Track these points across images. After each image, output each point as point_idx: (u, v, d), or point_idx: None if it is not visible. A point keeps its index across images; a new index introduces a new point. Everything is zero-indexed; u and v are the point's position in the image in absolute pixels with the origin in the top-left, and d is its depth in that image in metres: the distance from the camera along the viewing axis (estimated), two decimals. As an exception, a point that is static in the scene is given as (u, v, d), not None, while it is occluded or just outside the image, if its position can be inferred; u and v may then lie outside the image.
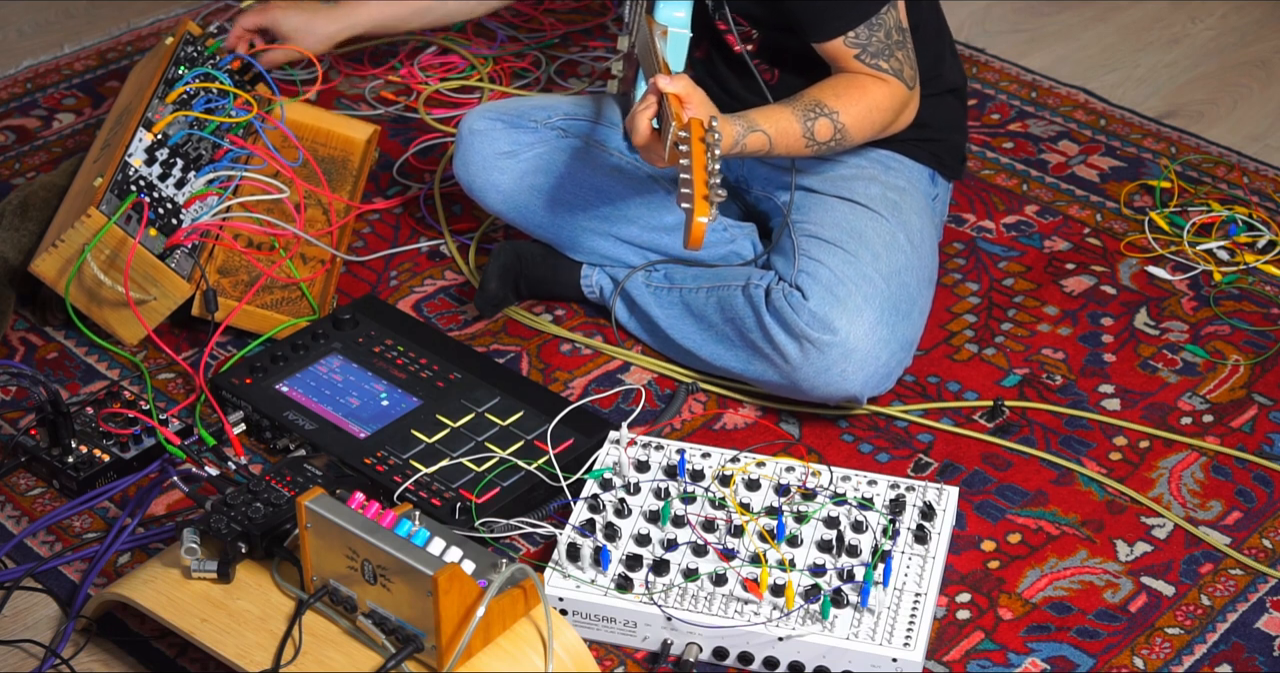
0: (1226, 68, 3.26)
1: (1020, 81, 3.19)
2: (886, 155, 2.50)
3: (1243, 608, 2.16)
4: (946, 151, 2.56)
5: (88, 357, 2.55)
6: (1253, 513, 2.29)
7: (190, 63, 2.77)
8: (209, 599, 1.99)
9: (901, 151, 2.51)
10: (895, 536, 2.14)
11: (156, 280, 2.46)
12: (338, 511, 1.89)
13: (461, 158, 2.59)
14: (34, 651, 2.09)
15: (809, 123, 2.31)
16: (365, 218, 2.83)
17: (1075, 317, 2.62)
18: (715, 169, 1.98)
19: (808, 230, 2.40)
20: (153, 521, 2.26)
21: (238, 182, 2.63)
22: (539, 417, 2.33)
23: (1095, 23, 3.40)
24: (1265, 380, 2.50)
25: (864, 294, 2.31)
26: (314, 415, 2.34)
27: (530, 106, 2.61)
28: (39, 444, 2.31)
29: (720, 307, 2.41)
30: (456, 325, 2.61)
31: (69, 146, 3.02)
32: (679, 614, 2.04)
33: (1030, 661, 2.09)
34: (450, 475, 2.24)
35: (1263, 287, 2.68)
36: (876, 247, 2.37)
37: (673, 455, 2.25)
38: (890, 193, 2.44)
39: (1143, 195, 2.88)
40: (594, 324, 2.61)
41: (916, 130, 2.49)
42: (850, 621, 2.03)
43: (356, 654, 1.92)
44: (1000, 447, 2.39)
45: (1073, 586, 2.18)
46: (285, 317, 2.54)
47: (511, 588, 1.90)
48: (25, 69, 3.23)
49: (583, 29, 3.31)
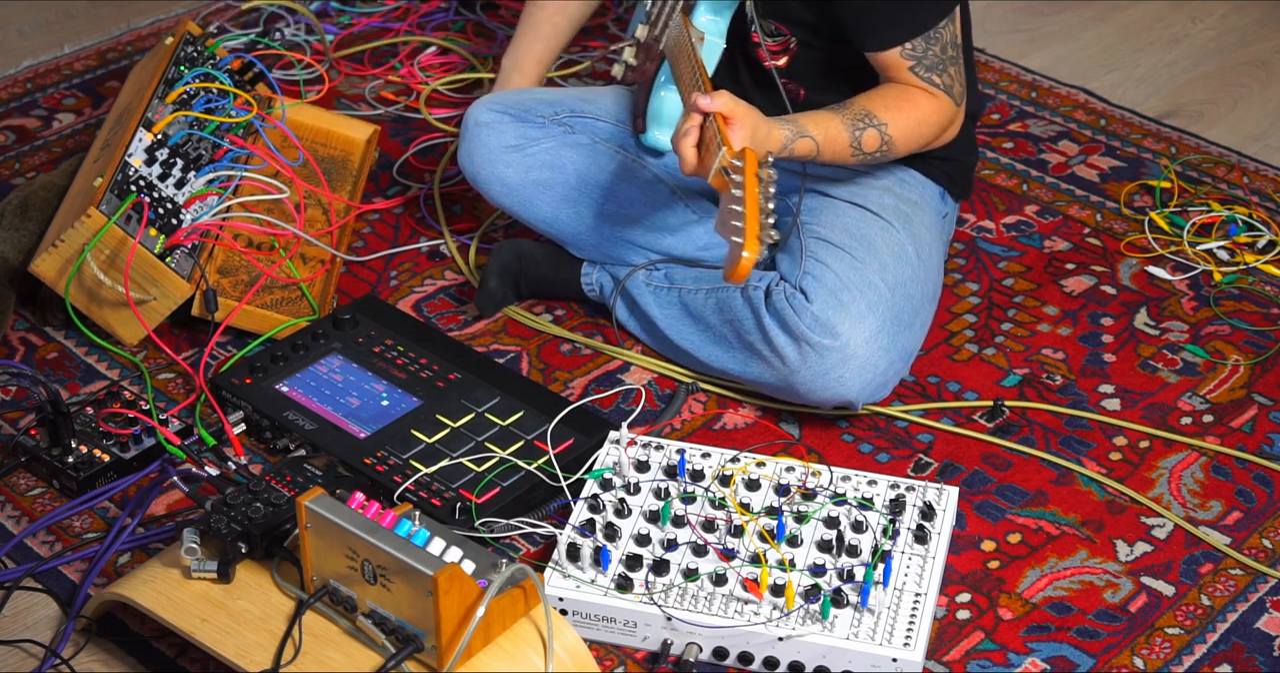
0: (1226, 68, 3.26)
1: (1020, 81, 3.19)
2: (901, 170, 2.50)
3: (1243, 608, 2.16)
4: (959, 171, 2.56)
5: (88, 357, 2.55)
6: (1253, 513, 2.29)
7: (190, 63, 2.77)
8: (209, 599, 1.99)
9: (917, 168, 2.51)
10: (895, 536, 2.14)
11: (156, 280, 2.46)
12: (338, 511, 1.89)
13: (467, 149, 2.58)
14: (34, 651, 2.09)
15: (857, 132, 2.29)
16: (365, 218, 2.83)
17: (1075, 317, 2.62)
18: (770, 209, 1.93)
19: (817, 233, 2.40)
20: (153, 520, 2.26)
21: (238, 182, 2.63)
22: (539, 417, 2.33)
23: (1095, 23, 3.40)
24: (1265, 380, 2.50)
25: (868, 301, 2.31)
26: (314, 415, 2.34)
27: (536, 100, 2.60)
28: (39, 444, 2.31)
29: (719, 308, 2.41)
30: (456, 325, 2.61)
31: (69, 146, 3.02)
32: (679, 614, 2.04)
33: (1030, 661, 2.09)
34: (450, 475, 2.24)
35: (1263, 287, 2.68)
36: (885, 256, 2.36)
37: (673, 455, 2.25)
38: (903, 205, 2.44)
39: (1143, 195, 2.88)
40: (594, 324, 2.61)
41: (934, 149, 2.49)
42: (850, 621, 2.03)
43: (356, 654, 1.92)
44: (1000, 447, 2.39)
45: (1073, 586, 2.18)
46: (285, 317, 2.54)
47: (511, 588, 1.90)
48: (25, 69, 3.23)
49: (582, 29, 3.30)
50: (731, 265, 1.91)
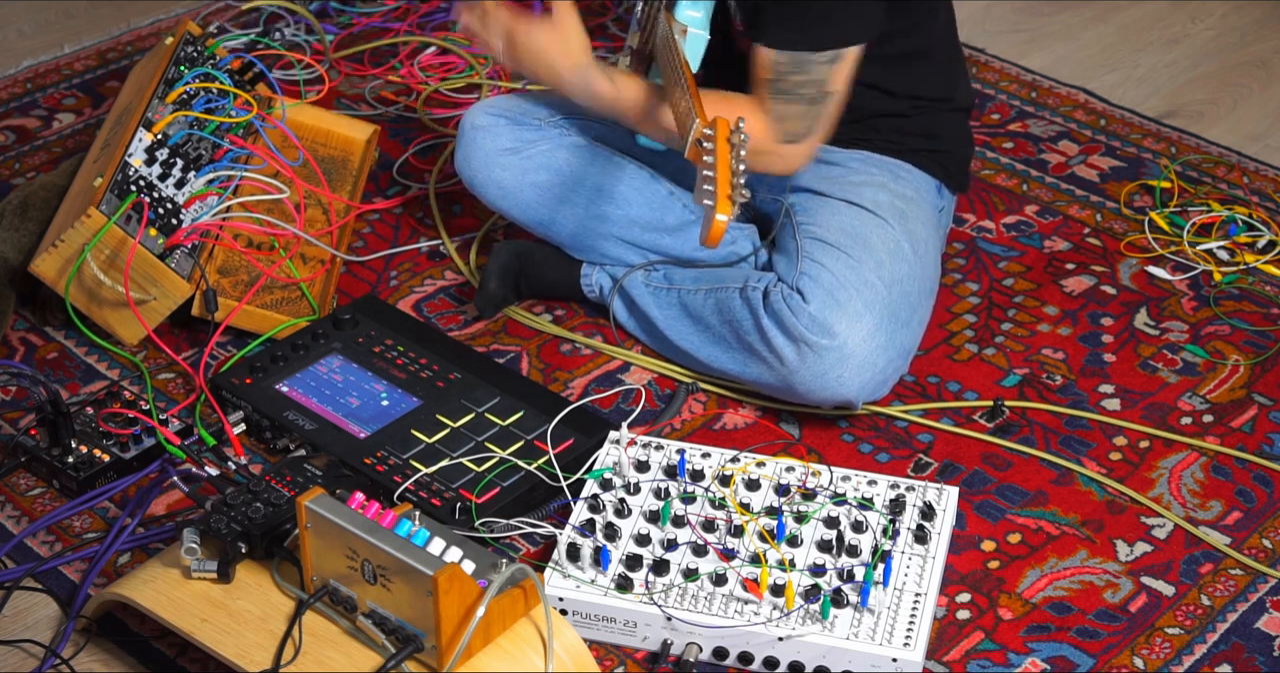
0: (1226, 68, 3.26)
1: (1020, 81, 3.19)
2: (896, 165, 2.50)
3: (1243, 608, 2.16)
4: (955, 164, 2.56)
5: (88, 357, 2.55)
6: (1253, 513, 2.29)
7: (190, 63, 2.77)
8: (209, 599, 1.99)
9: (912, 162, 2.51)
10: (895, 536, 2.14)
11: (156, 280, 2.46)
12: (338, 510, 1.89)
13: (463, 153, 2.58)
14: (34, 651, 2.09)
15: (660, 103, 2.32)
16: (365, 218, 2.83)
17: (1075, 317, 2.62)
18: (740, 169, 1.99)
19: (812, 233, 2.40)
20: (153, 520, 2.26)
21: (238, 182, 2.63)
22: (539, 417, 2.33)
23: (1095, 23, 3.40)
24: (1265, 380, 2.50)
25: (864, 299, 2.31)
26: (314, 415, 2.34)
27: (533, 103, 2.61)
28: (39, 444, 2.31)
29: (718, 308, 2.41)
30: (456, 325, 2.61)
31: (69, 146, 3.02)
32: (679, 614, 2.04)
33: (1030, 661, 2.09)
34: (450, 475, 2.24)
35: (1263, 287, 2.68)
36: (880, 253, 2.36)
37: (673, 455, 2.25)
38: (898, 201, 2.44)
39: (1143, 195, 2.88)
40: (594, 324, 2.61)
41: (928, 141, 2.50)
42: (850, 621, 2.03)
43: (356, 654, 1.92)
44: (1000, 447, 2.38)
45: (1073, 586, 2.18)
46: (285, 317, 2.54)
47: (511, 588, 1.90)
48: (25, 69, 3.23)
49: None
50: (706, 228, 1.97)
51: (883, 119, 2.49)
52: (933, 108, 2.51)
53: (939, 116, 2.51)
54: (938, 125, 2.51)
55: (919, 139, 2.50)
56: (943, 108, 2.51)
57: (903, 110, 2.49)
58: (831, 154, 2.50)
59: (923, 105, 2.50)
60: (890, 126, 2.49)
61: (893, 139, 2.50)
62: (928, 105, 2.50)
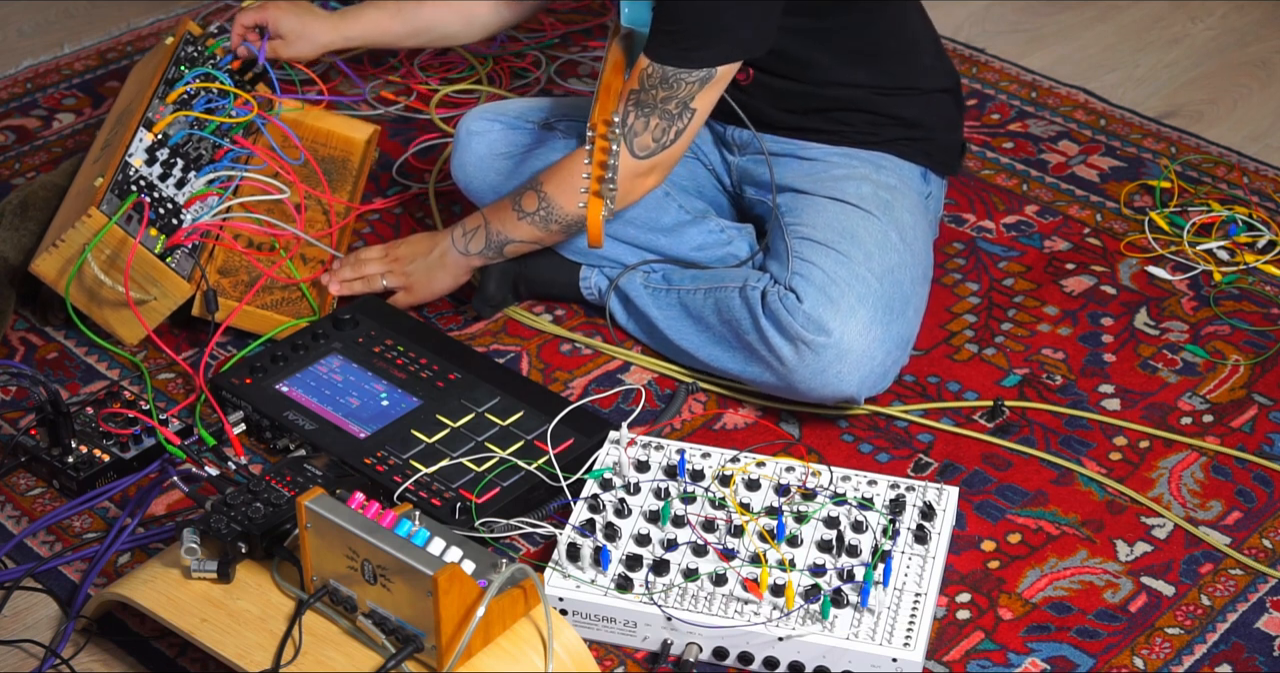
0: (1226, 68, 3.26)
1: (1020, 81, 3.19)
2: (877, 156, 2.50)
3: (1243, 608, 2.16)
4: (939, 149, 2.56)
5: (88, 357, 2.55)
6: (1253, 513, 2.29)
7: (190, 63, 2.77)
8: (209, 599, 1.99)
9: (892, 151, 2.51)
10: (895, 536, 2.14)
11: (157, 280, 2.46)
12: (338, 511, 1.89)
13: (459, 158, 2.59)
14: (34, 651, 2.09)
15: (517, 197, 2.43)
16: (365, 218, 2.83)
17: (1075, 317, 2.62)
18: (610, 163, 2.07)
19: (800, 232, 2.40)
20: (153, 520, 2.26)
21: (238, 182, 2.63)
22: (539, 417, 2.33)
23: (1095, 23, 3.40)
24: (1265, 380, 2.50)
25: (857, 294, 2.31)
26: (314, 415, 2.34)
27: (528, 108, 2.62)
28: (39, 444, 2.31)
29: (718, 308, 2.41)
30: (456, 325, 2.61)
31: (69, 146, 3.02)
32: (679, 614, 2.04)
33: (1030, 661, 2.09)
34: (450, 475, 2.24)
35: (1263, 287, 2.68)
36: (869, 246, 2.37)
37: (673, 455, 2.25)
38: (882, 192, 2.44)
39: (1143, 195, 2.88)
40: (594, 324, 2.61)
41: (907, 129, 2.49)
42: (850, 621, 2.03)
43: (356, 654, 1.92)
44: (1000, 447, 2.39)
45: (1073, 586, 2.18)
46: (285, 317, 2.54)
47: (511, 588, 1.90)
48: (25, 69, 3.23)
49: (583, 29, 3.31)
50: None
51: (853, 112, 2.49)
52: (902, 95, 2.49)
53: (912, 103, 2.50)
54: (913, 112, 2.50)
55: (896, 128, 2.49)
56: (913, 94, 2.50)
57: (871, 102, 2.48)
58: (811, 151, 2.50)
59: (891, 93, 2.48)
60: (862, 120, 2.49)
61: (868, 131, 2.49)
62: (896, 93, 2.49)
